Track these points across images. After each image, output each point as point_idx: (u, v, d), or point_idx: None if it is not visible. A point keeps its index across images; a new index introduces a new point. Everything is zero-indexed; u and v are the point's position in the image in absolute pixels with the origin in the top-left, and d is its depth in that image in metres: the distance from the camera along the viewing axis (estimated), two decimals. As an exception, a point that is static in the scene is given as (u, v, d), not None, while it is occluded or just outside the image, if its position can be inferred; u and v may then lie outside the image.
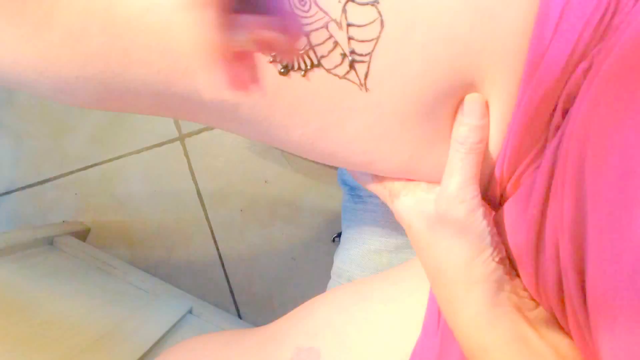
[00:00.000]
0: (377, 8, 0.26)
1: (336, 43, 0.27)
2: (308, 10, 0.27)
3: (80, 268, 0.78)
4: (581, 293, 0.25)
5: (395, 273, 0.39)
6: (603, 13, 0.25)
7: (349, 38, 0.27)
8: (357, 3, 0.26)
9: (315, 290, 0.44)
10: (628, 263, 0.21)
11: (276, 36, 0.22)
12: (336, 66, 0.28)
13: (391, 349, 0.35)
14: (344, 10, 0.27)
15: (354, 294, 0.39)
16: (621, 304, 0.21)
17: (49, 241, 0.81)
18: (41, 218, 0.92)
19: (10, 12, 0.26)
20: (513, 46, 0.27)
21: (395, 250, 0.47)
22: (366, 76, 0.28)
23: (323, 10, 0.27)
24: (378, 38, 0.27)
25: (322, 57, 0.28)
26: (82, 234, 0.90)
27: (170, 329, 0.69)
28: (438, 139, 0.30)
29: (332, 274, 0.52)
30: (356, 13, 0.27)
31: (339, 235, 0.54)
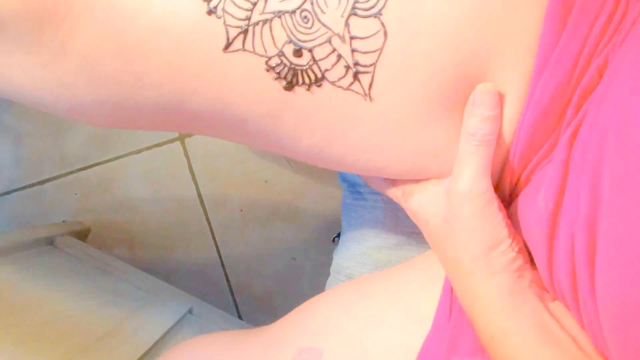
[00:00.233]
0: (380, 19, 0.26)
1: (340, 56, 0.27)
2: (311, 27, 0.27)
3: (80, 268, 0.78)
4: (591, 286, 0.25)
5: (397, 271, 0.39)
6: (613, 9, 0.25)
7: (353, 50, 0.27)
8: (360, 16, 0.26)
9: (315, 290, 0.44)
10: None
11: None
12: (340, 78, 0.28)
13: (395, 346, 0.35)
14: (347, 24, 0.27)
15: (356, 292, 0.39)
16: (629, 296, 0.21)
17: (50, 241, 0.81)
18: (41, 218, 0.92)
19: (29, 41, 0.27)
20: (522, 47, 0.27)
21: (394, 247, 0.47)
22: (370, 86, 0.28)
23: (326, 25, 0.27)
24: (382, 49, 0.27)
25: (326, 71, 0.28)
26: (83, 234, 0.90)
27: (170, 329, 0.69)
28: (445, 144, 0.30)
29: (332, 271, 0.52)
30: (359, 25, 0.27)
31: (339, 235, 0.54)
